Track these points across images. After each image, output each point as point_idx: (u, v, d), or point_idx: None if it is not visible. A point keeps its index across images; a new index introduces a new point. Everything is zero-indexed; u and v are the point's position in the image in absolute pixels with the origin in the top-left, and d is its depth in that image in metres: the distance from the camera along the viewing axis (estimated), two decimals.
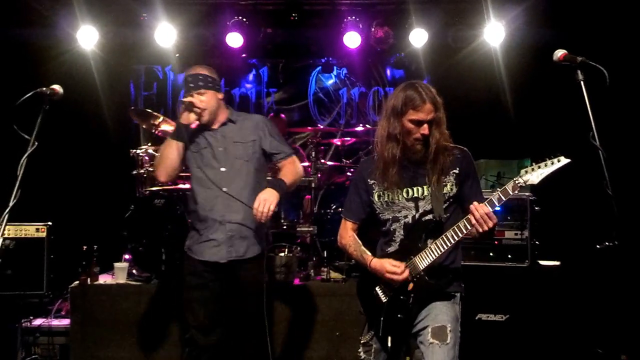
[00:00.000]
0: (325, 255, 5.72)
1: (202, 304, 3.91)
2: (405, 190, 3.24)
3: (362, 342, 3.39)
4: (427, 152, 3.17)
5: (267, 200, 3.62)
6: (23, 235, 5.40)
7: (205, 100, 3.85)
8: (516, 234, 5.09)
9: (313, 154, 6.04)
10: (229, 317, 3.98)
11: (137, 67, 8.10)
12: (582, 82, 2.90)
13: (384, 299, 3.23)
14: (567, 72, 2.99)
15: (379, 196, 3.31)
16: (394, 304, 3.19)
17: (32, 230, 5.50)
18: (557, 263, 5.29)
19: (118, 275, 5.44)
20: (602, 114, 2.88)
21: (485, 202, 2.92)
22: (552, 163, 2.79)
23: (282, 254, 5.43)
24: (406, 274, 3.11)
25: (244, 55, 7.76)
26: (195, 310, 3.91)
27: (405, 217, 3.24)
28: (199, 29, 7.26)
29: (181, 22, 7.01)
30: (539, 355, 5.08)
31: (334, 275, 5.53)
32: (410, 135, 3.15)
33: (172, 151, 3.84)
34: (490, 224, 2.90)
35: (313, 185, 5.89)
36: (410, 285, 3.14)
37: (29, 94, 3.12)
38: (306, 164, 6.34)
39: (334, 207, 6.21)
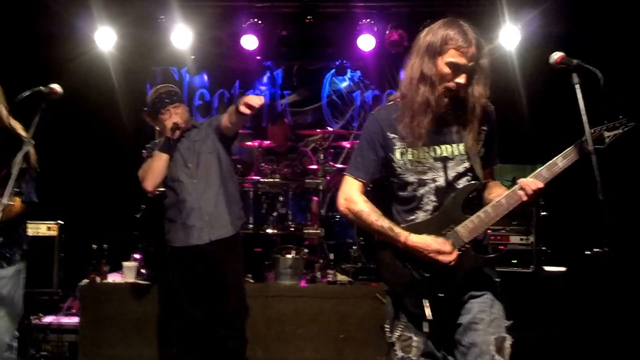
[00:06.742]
0: (332, 257, 5.70)
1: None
2: (432, 148, 2.74)
3: (395, 338, 2.78)
4: (456, 106, 2.70)
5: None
6: (34, 233, 5.50)
7: (181, 112, 4.39)
8: (521, 239, 5.01)
9: (322, 156, 6.02)
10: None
11: (154, 69, 8.17)
12: (576, 86, 2.78)
13: (420, 277, 2.70)
14: (563, 75, 2.90)
15: (401, 154, 2.75)
16: (433, 281, 2.68)
17: (43, 228, 5.61)
18: (563, 269, 5.22)
19: (127, 274, 5.49)
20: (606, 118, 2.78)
21: (535, 177, 2.64)
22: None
23: (289, 256, 5.44)
24: (456, 252, 2.64)
25: (258, 57, 7.80)
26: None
27: (434, 180, 2.72)
28: (215, 31, 7.34)
29: (197, 24, 7.07)
30: None
31: (340, 277, 5.51)
32: (442, 82, 2.65)
33: (161, 163, 4.30)
34: (540, 199, 2.67)
35: (321, 187, 5.88)
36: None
37: (27, 93, 3.14)
38: (314, 166, 6.36)
39: None
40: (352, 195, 2.84)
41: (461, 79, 2.62)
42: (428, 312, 2.66)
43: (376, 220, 2.75)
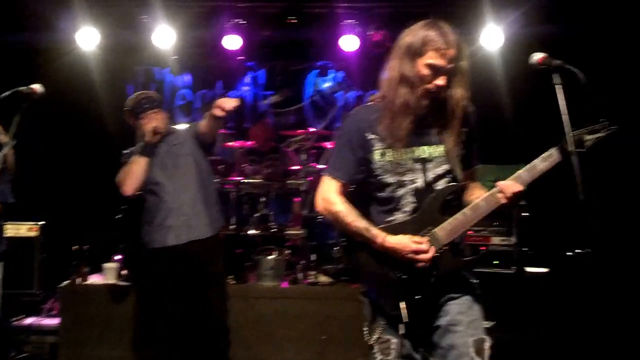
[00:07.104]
0: (314, 258, 5.70)
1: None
2: (412, 149, 2.71)
3: (373, 341, 2.76)
4: (436, 107, 2.68)
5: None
6: (15, 234, 5.45)
7: (160, 118, 4.45)
8: (503, 240, 5.01)
9: (304, 157, 6.01)
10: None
11: (136, 69, 8.10)
12: (557, 87, 2.75)
13: (397, 279, 2.67)
14: (546, 75, 2.88)
15: (381, 155, 2.72)
16: (410, 283, 2.66)
17: (24, 229, 5.56)
18: (545, 270, 5.23)
19: (108, 275, 5.46)
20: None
21: (514, 179, 2.63)
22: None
23: (271, 257, 5.44)
24: (432, 251, 2.62)
25: (241, 57, 7.74)
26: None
27: (413, 181, 2.70)
28: (197, 31, 7.29)
29: (180, 24, 7.01)
30: None
31: (322, 278, 5.52)
32: (421, 83, 2.62)
33: (140, 167, 4.31)
34: (519, 201, 2.64)
35: (303, 188, 5.88)
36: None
37: (6, 94, 3.11)
38: (297, 167, 6.34)
39: None
40: (330, 195, 2.80)
41: (440, 81, 2.60)
42: (405, 314, 2.64)
43: (353, 221, 2.72)
